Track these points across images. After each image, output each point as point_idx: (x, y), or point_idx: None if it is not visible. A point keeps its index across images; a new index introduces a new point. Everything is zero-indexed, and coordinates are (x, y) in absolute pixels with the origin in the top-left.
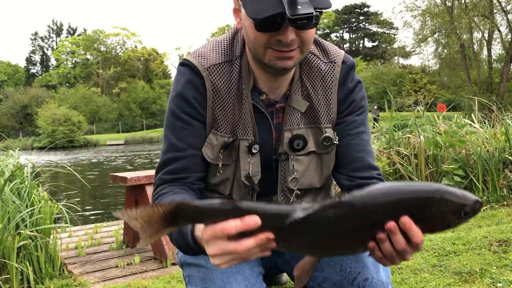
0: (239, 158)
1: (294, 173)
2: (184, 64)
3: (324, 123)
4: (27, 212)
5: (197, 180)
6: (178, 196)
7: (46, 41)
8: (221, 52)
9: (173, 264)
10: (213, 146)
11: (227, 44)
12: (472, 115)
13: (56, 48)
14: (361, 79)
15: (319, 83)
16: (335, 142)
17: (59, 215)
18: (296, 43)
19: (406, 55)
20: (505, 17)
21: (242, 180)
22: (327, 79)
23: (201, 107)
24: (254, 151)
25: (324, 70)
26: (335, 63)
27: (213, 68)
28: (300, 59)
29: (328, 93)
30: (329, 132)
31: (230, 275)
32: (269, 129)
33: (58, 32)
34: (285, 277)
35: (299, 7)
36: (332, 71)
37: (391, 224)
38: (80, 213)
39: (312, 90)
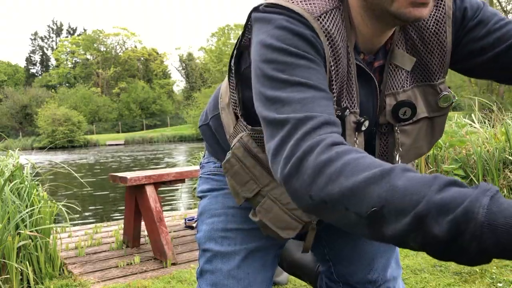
0: (344, 137)
1: (399, 147)
2: (277, 11)
3: (438, 78)
4: (27, 212)
5: None
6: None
7: (46, 41)
8: None
9: (173, 264)
10: None
11: None
12: (472, 115)
13: (56, 48)
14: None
15: (428, 29)
16: (454, 99)
17: (59, 217)
18: None
19: None
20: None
21: None
22: (439, 21)
23: (322, 61)
24: (363, 128)
25: (433, 10)
26: None
27: (325, 16)
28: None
29: (441, 39)
30: (445, 89)
31: None
32: (372, 95)
33: (58, 32)
34: (285, 277)
35: None
36: (443, 8)
37: None
38: (80, 213)
39: (419, 40)
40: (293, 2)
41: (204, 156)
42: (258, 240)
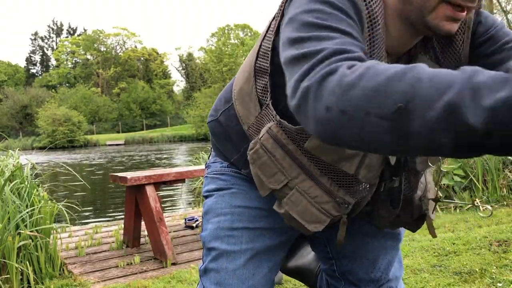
0: None
1: None
2: None
3: None
4: (27, 212)
5: None
6: None
7: (46, 41)
8: None
9: (173, 264)
10: None
11: None
12: None
13: (56, 48)
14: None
15: (448, 39)
16: None
17: (59, 217)
18: None
19: None
20: (505, 17)
21: (383, 157)
22: (458, 33)
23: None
24: None
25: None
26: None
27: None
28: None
29: (457, 49)
30: None
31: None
32: None
33: (58, 32)
34: (280, 277)
35: None
36: (463, 22)
37: None
38: (80, 213)
39: (440, 49)
40: None
41: (210, 156)
42: (264, 241)
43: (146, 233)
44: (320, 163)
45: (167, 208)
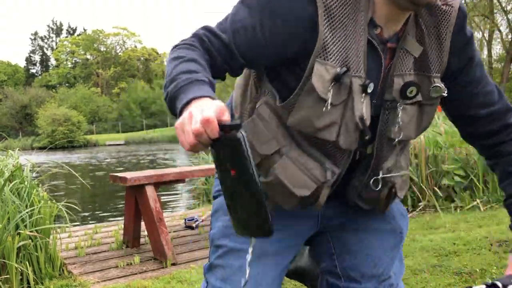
0: (352, 97)
1: (398, 123)
2: None
3: (434, 71)
4: (26, 212)
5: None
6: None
7: (46, 41)
8: None
9: (173, 264)
10: (323, 78)
11: None
12: None
13: (56, 48)
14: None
15: (434, 26)
16: (444, 94)
17: (59, 217)
18: None
19: None
20: (505, 17)
21: (355, 122)
22: (443, 24)
23: (306, 26)
24: (369, 90)
25: (442, 12)
26: (452, 7)
27: None
28: None
29: (442, 39)
30: (438, 82)
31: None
32: (378, 70)
33: (58, 32)
34: None
35: None
36: (449, 16)
37: None
38: (80, 213)
39: (427, 33)
40: None
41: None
42: (273, 242)
43: (146, 233)
44: (306, 135)
45: (167, 208)
